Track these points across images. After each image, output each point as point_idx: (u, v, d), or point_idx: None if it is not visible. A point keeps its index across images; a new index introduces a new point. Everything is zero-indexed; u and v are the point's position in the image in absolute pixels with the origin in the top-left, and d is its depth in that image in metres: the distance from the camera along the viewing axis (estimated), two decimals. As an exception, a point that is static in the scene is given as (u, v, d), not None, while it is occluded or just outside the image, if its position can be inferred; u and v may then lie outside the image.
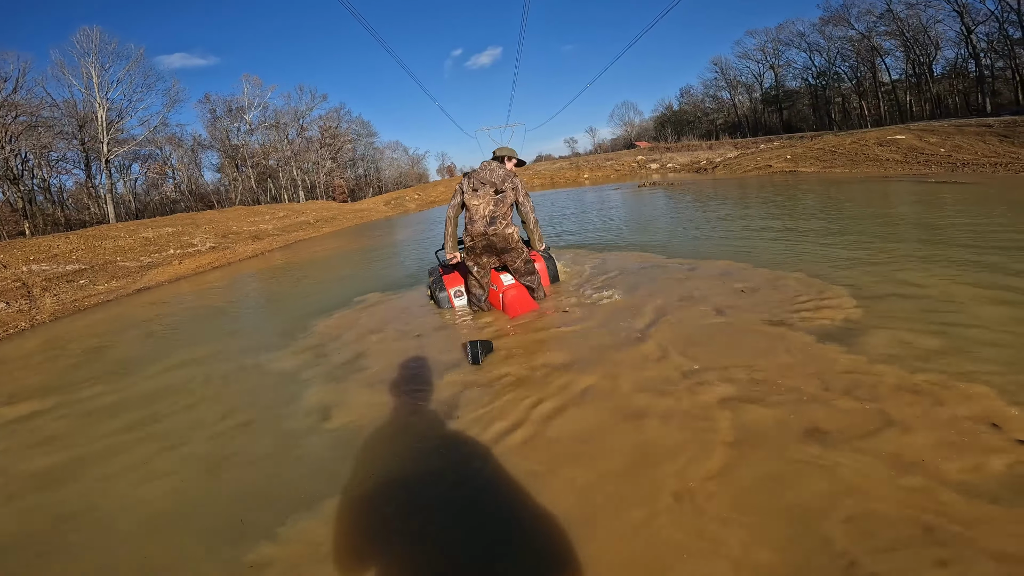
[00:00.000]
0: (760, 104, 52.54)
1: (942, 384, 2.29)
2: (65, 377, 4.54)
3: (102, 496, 2.42)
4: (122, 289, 10.53)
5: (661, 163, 32.44)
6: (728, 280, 4.42)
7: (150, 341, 5.59)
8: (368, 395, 3.11)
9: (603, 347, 3.31)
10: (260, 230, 19.29)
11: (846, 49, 42.07)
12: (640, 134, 65.43)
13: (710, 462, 1.99)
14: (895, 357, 2.59)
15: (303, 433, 2.75)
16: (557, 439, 2.33)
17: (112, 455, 2.84)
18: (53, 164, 32.43)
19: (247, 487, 2.33)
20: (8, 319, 7.80)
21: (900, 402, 2.20)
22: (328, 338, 4.49)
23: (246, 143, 41.55)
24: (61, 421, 3.46)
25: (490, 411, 2.66)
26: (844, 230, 6.10)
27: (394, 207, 32.32)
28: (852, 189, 10.66)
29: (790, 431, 2.11)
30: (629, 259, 5.98)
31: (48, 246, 13.05)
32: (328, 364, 3.80)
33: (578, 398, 2.68)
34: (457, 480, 2.13)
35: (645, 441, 2.20)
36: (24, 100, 27.00)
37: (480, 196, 4.28)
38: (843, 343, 2.84)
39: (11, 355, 5.91)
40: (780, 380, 2.53)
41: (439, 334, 4.17)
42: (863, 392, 2.32)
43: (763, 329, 3.20)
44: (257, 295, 8.02)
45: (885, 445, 1.94)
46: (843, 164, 16.71)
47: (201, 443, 2.83)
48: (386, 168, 63.73)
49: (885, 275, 3.99)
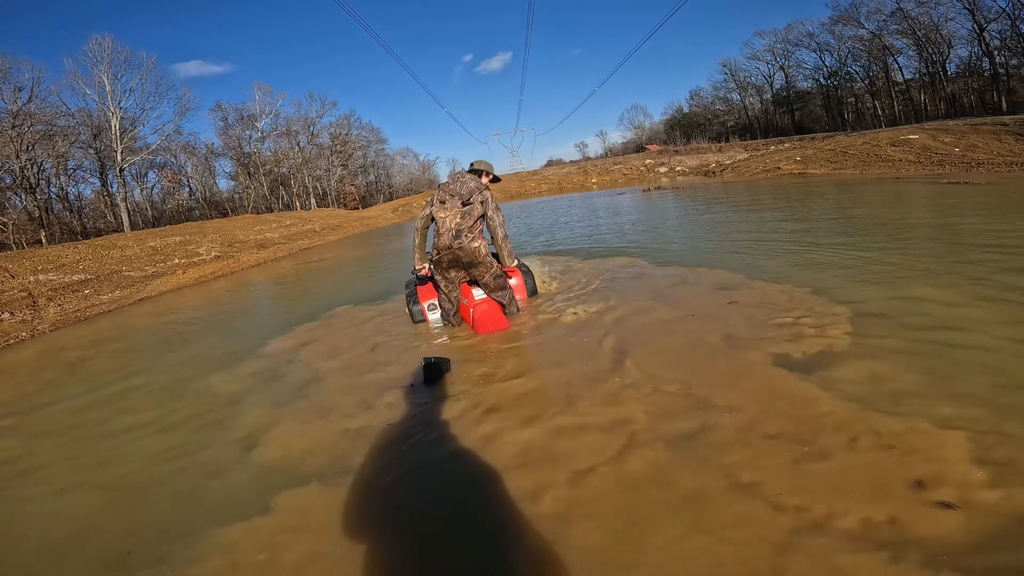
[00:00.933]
0: (771, 105, 51.93)
1: (892, 433, 1.98)
2: (36, 394, 4.52)
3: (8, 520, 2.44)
4: (125, 299, 10.60)
5: (670, 166, 32.16)
6: (716, 292, 4.22)
7: (129, 355, 5.57)
8: (299, 423, 2.98)
9: (561, 365, 3.19)
10: (266, 239, 19.41)
11: (857, 49, 41.40)
12: (650, 137, 65.13)
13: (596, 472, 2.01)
14: (857, 396, 2.28)
15: (224, 464, 2.66)
16: (497, 460, 2.25)
17: (37, 474, 2.86)
18: (70, 173, 33.18)
19: (149, 517, 2.27)
20: (10, 329, 7.88)
21: (826, 445, 1.97)
22: (280, 360, 4.34)
23: (258, 151, 42.08)
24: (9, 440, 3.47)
25: (429, 435, 2.58)
26: (853, 236, 5.79)
27: (401, 214, 32.41)
28: (863, 191, 10.38)
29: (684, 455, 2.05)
30: (618, 267, 5.81)
31: (57, 256, 13.24)
32: (270, 387, 3.71)
33: (523, 420, 2.57)
34: (380, 506, 2.02)
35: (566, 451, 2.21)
36: (39, 109, 27.55)
37: (447, 208, 4.17)
38: (809, 373, 2.56)
39: (2, 366, 5.93)
40: (715, 405, 2.41)
41: (395, 350, 4.08)
42: (794, 431, 2.09)
43: (726, 352, 3.00)
44: (237, 307, 8.00)
45: (770, 487, 1.79)
46: (854, 165, 16.35)
47: (126, 465, 2.80)
48: (397, 174, 64.17)
49: (892, 291, 3.64)
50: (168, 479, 2.58)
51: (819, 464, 1.87)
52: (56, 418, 3.78)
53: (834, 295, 3.70)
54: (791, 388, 2.44)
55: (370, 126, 55.10)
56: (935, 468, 1.76)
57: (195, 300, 9.35)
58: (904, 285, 3.74)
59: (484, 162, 4.47)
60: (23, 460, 3.10)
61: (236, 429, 3.04)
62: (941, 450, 1.85)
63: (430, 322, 4.60)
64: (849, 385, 2.39)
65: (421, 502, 2.06)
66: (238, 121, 41.67)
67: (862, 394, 2.29)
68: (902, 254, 4.63)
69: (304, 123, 44.83)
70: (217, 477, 2.52)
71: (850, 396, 2.28)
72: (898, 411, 2.12)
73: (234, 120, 41.59)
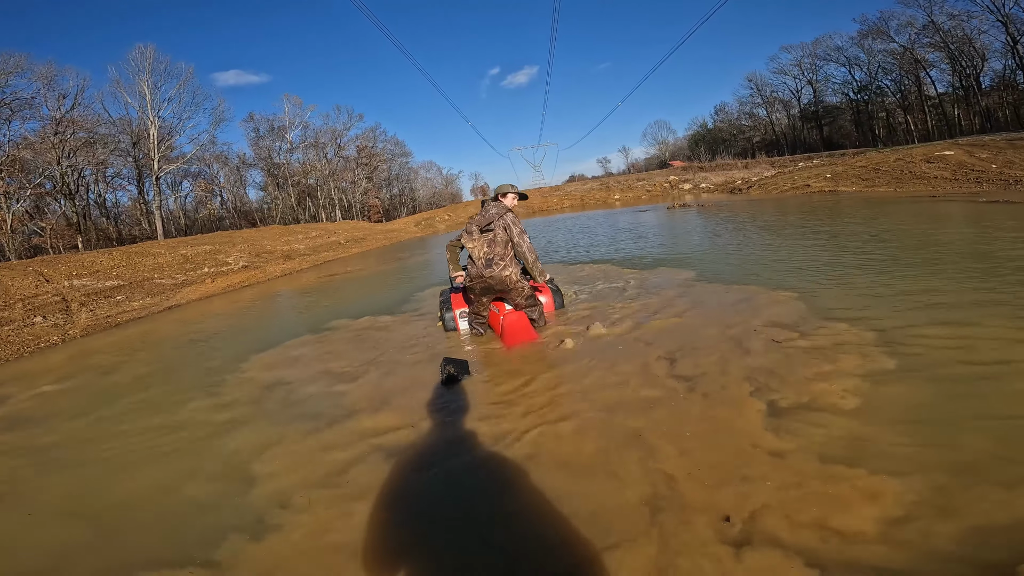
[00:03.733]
0: (799, 121, 51.13)
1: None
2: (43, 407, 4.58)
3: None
4: (155, 306, 10.87)
5: (694, 183, 31.86)
6: (730, 323, 4.13)
7: (143, 369, 5.68)
8: (300, 441, 2.97)
9: (579, 378, 3.26)
10: (292, 249, 19.77)
11: (888, 62, 40.55)
12: (674, 153, 64.84)
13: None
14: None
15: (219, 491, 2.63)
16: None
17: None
18: (109, 180, 34.46)
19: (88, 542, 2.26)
20: (42, 333, 8.12)
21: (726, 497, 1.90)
22: (300, 367, 4.44)
23: (287, 162, 43.16)
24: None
25: (447, 433, 2.54)
26: (886, 262, 5.41)
27: (424, 227, 32.74)
28: (898, 211, 10.06)
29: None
30: (630, 283, 5.75)
31: (91, 261, 13.67)
32: (266, 401, 3.75)
33: (522, 447, 2.52)
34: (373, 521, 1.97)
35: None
36: (81, 117, 28.59)
37: (475, 239, 4.24)
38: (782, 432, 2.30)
39: (34, 369, 6.09)
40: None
41: (419, 355, 4.27)
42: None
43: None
44: (259, 319, 8.12)
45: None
46: (887, 183, 15.94)
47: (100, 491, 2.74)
48: (420, 188, 65.02)
49: (925, 339, 3.06)
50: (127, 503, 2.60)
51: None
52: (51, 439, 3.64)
53: (859, 344, 3.41)
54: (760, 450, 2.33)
55: (395, 139, 56.20)
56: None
57: (223, 309, 9.53)
58: (939, 326, 3.50)
59: (506, 184, 4.51)
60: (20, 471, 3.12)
61: (227, 447, 3.05)
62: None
63: (460, 330, 4.87)
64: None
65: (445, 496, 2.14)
66: (269, 132, 42.93)
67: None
68: (946, 284, 4.42)
69: (331, 135, 45.90)
70: (207, 509, 2.45)
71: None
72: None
73: (265, 131, 42.89)
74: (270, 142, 43.12)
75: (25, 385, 5.34)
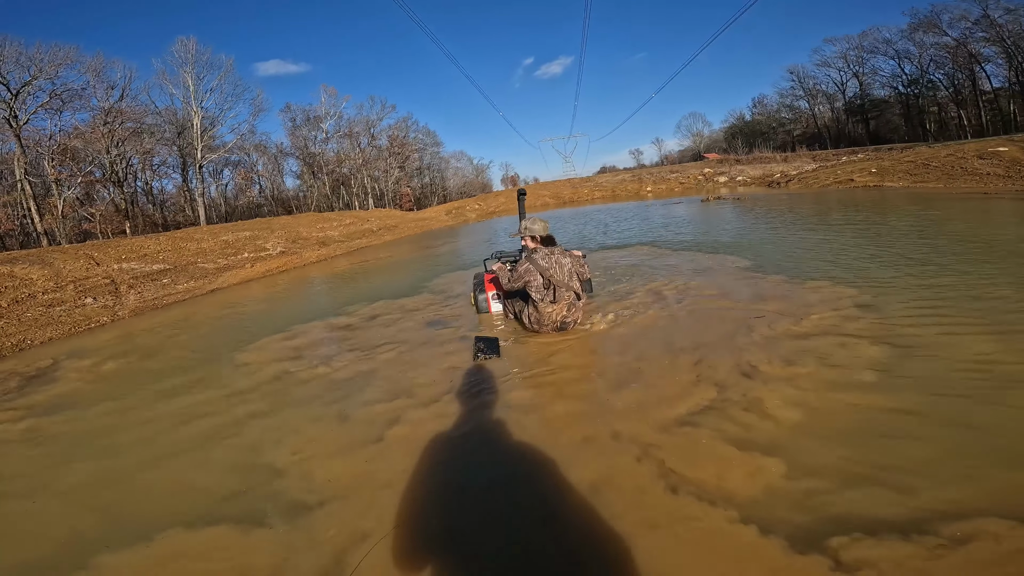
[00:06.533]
0: (843, 114, 49.15)
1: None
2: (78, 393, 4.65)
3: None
4: (198, 289, 11.35)
5: (730, 176, 31.08)
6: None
7: (182, 352, 5.94)
8: (331, 426, 3.09)
9: (594, 362, 3.47)
10: (327, 236, 20.24)
11: (941, 56, 38.50)
12: (709, 145, 63.29)
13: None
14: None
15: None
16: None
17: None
18: (155, 168, 35.92)
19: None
20: (92, 314, 8.60)
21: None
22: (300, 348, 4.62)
23: (322, 151, 44.07)
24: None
25: (478, 399, 2.60)
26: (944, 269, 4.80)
27: (455, 216, 32.97)
28: (949, 209, 9.65)
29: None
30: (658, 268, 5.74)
31: (140, 246, 14.31)
32: (296, 384, 3.88)
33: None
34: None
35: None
36: (129, 107, 29.86)
37: (556, 303, 4.06)
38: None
39: (84, 347, 6.47)
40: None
41: (450, 333, 4.40)
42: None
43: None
44: (297, 301, 8.40)
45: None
46: (936, 179, 15.25)
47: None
48: (451, 177, 65.39)
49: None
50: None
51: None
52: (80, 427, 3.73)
53: (898, 373, 3.45)
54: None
55: (426, 129, 56.56)
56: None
57: (261, 293, 9.89)
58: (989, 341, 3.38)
59: (541, 223, 4.30)
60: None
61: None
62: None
63: (493, 312, 5.05)
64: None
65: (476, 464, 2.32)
66: (305, 122, 43.88)
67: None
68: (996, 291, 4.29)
69: (365, 125, 46.55)
70: (230, 498, 2.65)
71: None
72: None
73: (301, 121, 43.85)
74: (306, 132, 44.10)
75: (71, 366, 5.53)
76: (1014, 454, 1.96)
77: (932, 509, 1.74)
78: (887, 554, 1.57)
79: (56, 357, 6.06)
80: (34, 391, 4.67)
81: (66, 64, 26.52)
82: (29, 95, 24.98)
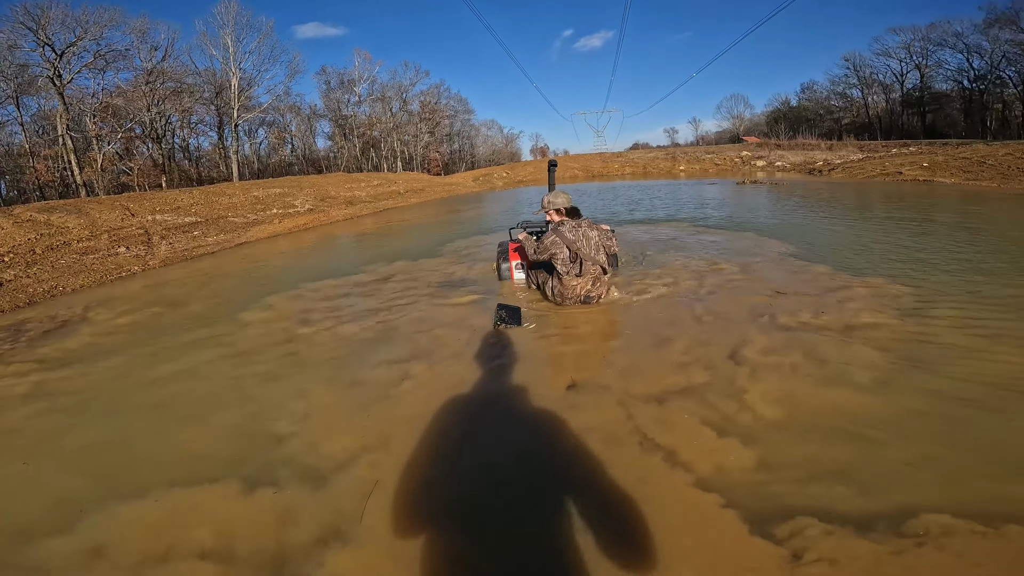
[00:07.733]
0: (898, 105, 46.25)
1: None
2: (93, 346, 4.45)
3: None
4: (227, 242, 11.56)
5: (769, 160, 29.86)
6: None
7: (205, 304, 6.03)
8: (344, 388, 3.08)
9: (617, 336, 3.42)
10: (354, 196, 20.35)
11: (1014, 52, 35.80)
12: (748, 129, 60.67)
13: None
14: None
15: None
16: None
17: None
18: (193, 126, 36.51)
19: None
20: (124, 263, 8.85)
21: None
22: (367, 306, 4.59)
23: (354, 114, 44.04)
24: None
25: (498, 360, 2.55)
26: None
27: (482, 183, 32.70)
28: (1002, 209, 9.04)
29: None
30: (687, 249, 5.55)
31: (174, 199, 14.65)
32: (316, 344, 3.82)
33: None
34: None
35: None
36: (171, 68, 30.31)
37: (582, 276, 4.02)
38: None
39: (112, 295, 6.61)
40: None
41: (460, 299, 4.36)
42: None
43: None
44: (319, 258, 8.46)
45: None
46: (992, 177, 14.36)
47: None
48: (480, 145, 64.68)
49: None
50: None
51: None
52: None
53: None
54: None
55: (458, 96, 55.71)
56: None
57: (287, 248, 10.03)
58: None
59: (564, 195, 4.27)
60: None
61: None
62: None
63: (515, 281, 5.02)
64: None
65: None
66: (339, 85, 43.77)
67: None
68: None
69: (397, 90, 46.15)
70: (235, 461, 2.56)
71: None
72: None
73: (335, 84, 43.75)
74: (340, 94, 44.02)
75: (98, 314, 5.45)
76: (999, 466, 1.86)
77: (900, 510, 1.66)
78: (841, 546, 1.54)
79: (87, 304, 5.97)
80: (48, 343, 4.49)
81: (111, 25, 26.92)
82: (74, 55, 25.46)
